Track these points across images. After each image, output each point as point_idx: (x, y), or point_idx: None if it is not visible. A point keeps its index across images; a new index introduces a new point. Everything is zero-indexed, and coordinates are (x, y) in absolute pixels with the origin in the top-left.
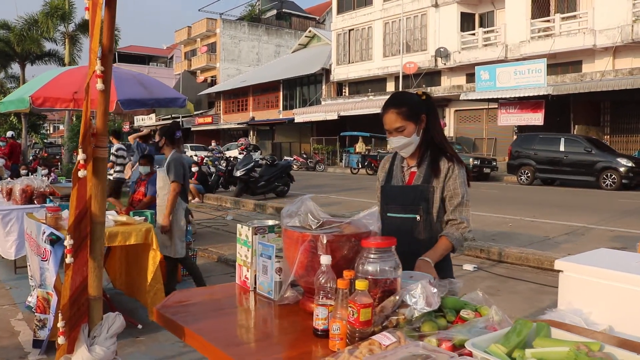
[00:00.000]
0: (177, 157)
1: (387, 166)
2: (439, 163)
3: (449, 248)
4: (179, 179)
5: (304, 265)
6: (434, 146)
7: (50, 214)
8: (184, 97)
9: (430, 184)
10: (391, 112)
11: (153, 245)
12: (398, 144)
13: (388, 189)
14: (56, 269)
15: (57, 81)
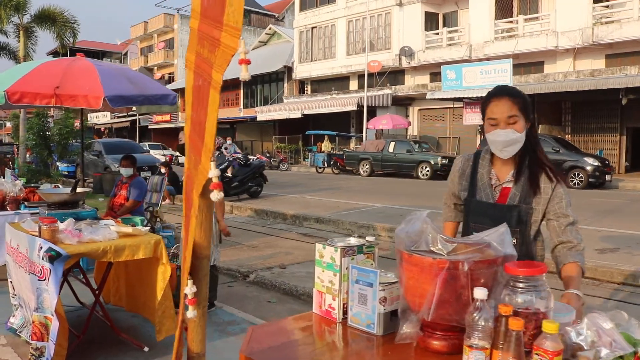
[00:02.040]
0: None
1: (468, 172)
2: (538, 180)
3: (581, 276)
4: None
5: (441, 298)
6: (533, 158)
7: (45, 225)
8: (175, 93)
9: (530, 205)
10: (506, 99)
11: (163, 259)
12: (507, 137)
13: (476, 205)
14: (57, 290)
15: (35, 75)
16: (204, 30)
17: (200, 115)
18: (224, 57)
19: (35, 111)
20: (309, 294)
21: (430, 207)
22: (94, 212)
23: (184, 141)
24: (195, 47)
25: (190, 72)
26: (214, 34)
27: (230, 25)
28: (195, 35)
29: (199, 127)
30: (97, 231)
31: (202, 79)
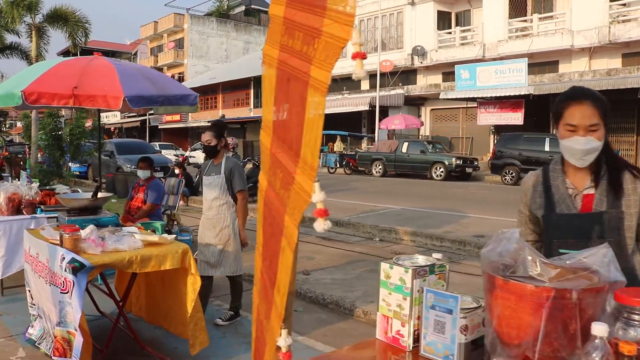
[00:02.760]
0: (236, 161)
1: (540, 188)
2: (621, 181)
3: None
4: (245, 187)
5: (546, 331)
6: (610, 159)
7: (67, 234)
8: (196, 93)
9: (620, 209)
10: (588, 104)
11: (192, 270)
12: (586, 146)
13: (557, 219)
14: (81, 304)
15: (52, 75)
16: (295, 18)
17: (291, 121)
18: (329, 51)
19: (47, 111)
20: (336, 303)
21: (448, 209)
22: (115, 218)
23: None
24: (278, 38)
25: (271, 69)
26: (311, 21)
27: (338, 11)
28: (278, 24)
29: (288, 137)
30: (122, 240)
31: (291, 77)
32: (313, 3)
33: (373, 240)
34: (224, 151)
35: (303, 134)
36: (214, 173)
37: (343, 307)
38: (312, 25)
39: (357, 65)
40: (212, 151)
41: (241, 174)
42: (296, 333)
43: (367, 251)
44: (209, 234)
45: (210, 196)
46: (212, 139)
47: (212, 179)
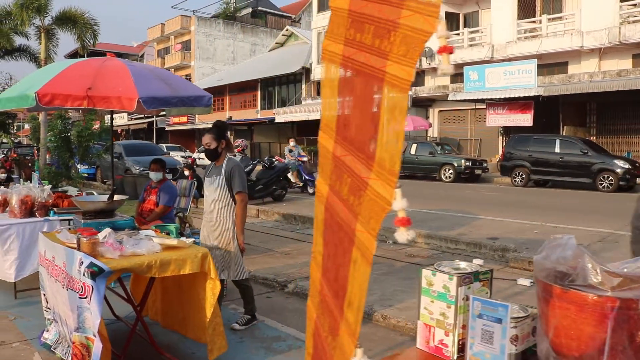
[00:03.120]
0: (238, 162)
1: None
2: None
3: None
4: (245, 190)
5: (611, 343)
6: None
7: (85, 237)
8: (210, 94)
9: None
10: None
11: (211, 274)
12: None
13: None
14: (100, 309)
15: (66, 76)
16: (364, 10)
17: (361, 121)
18: (410, 45)
19: (56, 113)
20: None
21: (459, 211)
22: (131, 220)
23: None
24: (342, 32)
25: (333, 65)
26: (385, 13)
27: (419, 1)
28: (342, 17)
29: (356, 138)
30: (140, 243)
31: (359, 74)
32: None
33: (386, 243)
34: (225, 153)
35: (378, 136)
36: (215, 174)
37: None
38: (387, 17)
39: (443, 60)
40: (212, 154)
41: (241, 175)
42: None
43: (381, 254)
44: (210, 237)
45: (210, 198)
46: (212, 141)
47: (213, 180)
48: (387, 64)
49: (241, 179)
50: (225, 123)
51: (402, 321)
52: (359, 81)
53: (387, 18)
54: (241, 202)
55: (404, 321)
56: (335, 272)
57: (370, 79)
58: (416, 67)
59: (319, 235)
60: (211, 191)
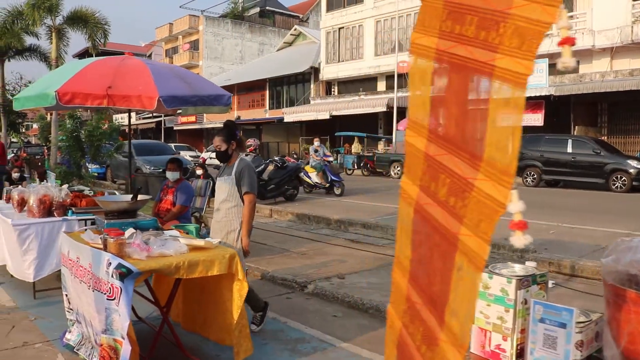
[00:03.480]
0: (248, 163)
1: None
2: None
3: None
4: (254, 190)
5: None
6: None
7: (112, 238)
8: (229, 93)
9: None
10: None
11: (239, 275)
12: None
13: None
14: (129, 312)
15: (85, 74)
16: (464, 1)
17: (463, 119)
18: (525, 36)
19: (67, 112)
20: (376, 308)
21: None
22: (154, 221)
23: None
24: (436, 24)
25: (424, 59)
26: (491, 3)
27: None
28: (436, 9)
29: (457, 137)
30: (167, 244)
31: (460, 68)
32: None
33: None
34: (237, 153)
35: (487, 134)
36: (226, 174)
37: (384, 312)
38: (494, 7)
39: (564, 53)
40: (223, 156)
41: (251, 176)
42: (339, 339)
43: None
44: (217, 237)
45: (220, 198)
46: (222, 143)
47: (223, 180)
48: (496, 57)
49: (251, 179)
50: (235, 123)
51: None
52: (458, 76)
53: (495, 8)
54: (249, 203)
55: None
56: (430, 277)
57: (474, 73)
58: None
59: (405, 239)
60: (221, 191)
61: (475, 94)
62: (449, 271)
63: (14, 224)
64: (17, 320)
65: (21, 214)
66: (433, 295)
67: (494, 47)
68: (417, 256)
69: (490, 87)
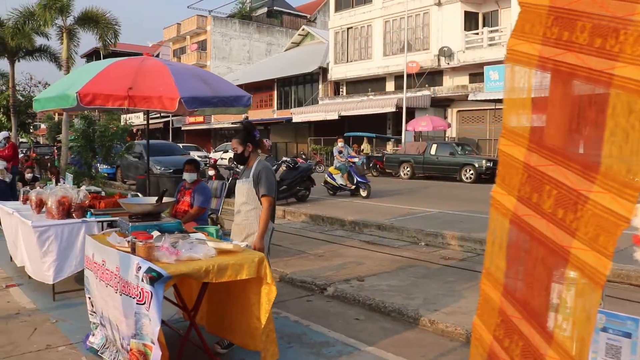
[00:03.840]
0: (267, 166)
1: None
2: None
3: None
4: (272, 193)
5: None
6: None
7: (141, 242)
8: (249, 94)
9: None
10: None
11: (267, 279)
12: None
13: None
14: (159, 316)
15: (106, 75)
16: (573, 6)
17: (577, 126)
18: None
19: (79, 113)
20: (399, 311)
21: (487, 212)
22: (178, 223)
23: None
24: (539, 31)
25: (524, 66)
26: (609, 9)
27: None
28: (539, 15)
29: (564, 147)
30: (196, 248)
31: (568, 76)
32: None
33: (419, 245)
34: (255, 155)
35: (604, 145)
36: (244, 177)
37: (407, 316)
38: (613, 13)
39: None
40: (240, 158)
41: (268, 178)
42: (364, 343)
43: (416, 256)
44: (237, 240)
45: (239, 200)
46: (238, 145)
47: (242, 182)
48: (616, 66)
49: (268, 182)
50: (252, 124)
51: (450, 326)
52: (566, 85)
53: (614, 15)
54: (267, 206)
55: (453, 326)
56: (531, 291)
57: (586, 81)
58: None
59: (498, 250)
60: (240, 193)
61: (588, 104)
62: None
63: (33, 226)
64: (39, 322)
65: (39, 215)
66: (535, 309)
67: (613, 55)
68: (513, 269)
69: (607, 96)
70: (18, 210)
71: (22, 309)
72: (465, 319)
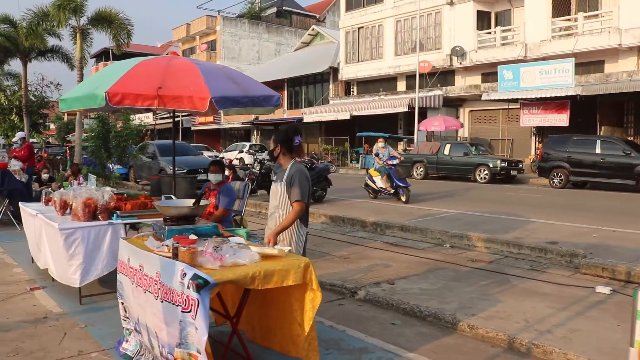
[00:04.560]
0: (301, 169)
1: None
2: None
3: None
4: (304, 199)
5: None
6: None
7: (184, 247)
8: (279, 94)
9: None
10: None
11: (313, 285)
12: None
13: None
14: (206, 325)
15: (134, 75)
16: None
17: None
18: None
19: (96, 114)
20: (435, 316)
21: (506, 213)
22: (214, 227)
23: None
24: None
25: None
26: None
27: None
28: None
29: None
30: (239, 253)
31: None
32: None
33: (443, 247)
34: (289, 157)
35: None
36: (279, 179)
37: (444, 320)
38: None
39: None
40: (273, 157)
41: (301, 183)
42: (404, 349)
43: (443, 258)
44: None
45: (272, 203)
46: (271, 143)
47: (276, 185)
48: None
49: (301, 187)
50: (295, 129)
51: (491, 331)
52: None
53: None
54: (297, 210)
55: (494, 331)
56: None
57: None
58: None
59: None
60: (274, 196)
61: None
62: None
63: (60, 228)
64: (68, 327)
65: (64, 217)
66: None
67: None
68: None
69: None
70: (41, 212)
71: (49, 313)
72: (504, 324)
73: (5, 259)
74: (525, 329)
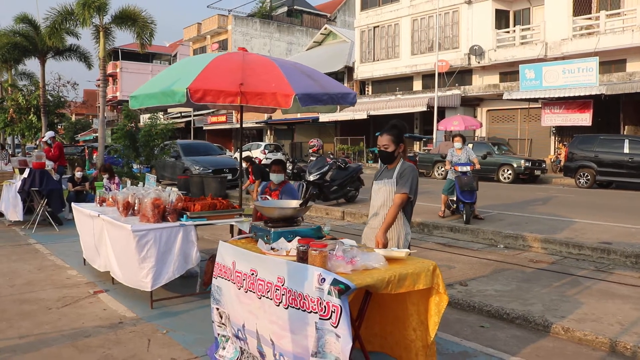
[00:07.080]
0: (412, 166)
1: None
2: None
3: None
4: (410, 193)
5: None
6: None
7: (315, 250)
8: (354, 92)
9: None
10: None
11: (439, 288)
12: None
13: None
14: (350, 333)
15: (212, 71)
16: None
17: None
18: None
19: (124, 112)
20: (524, 318)
21: (548, 214)
22: (317, 229)
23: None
24: None
25: None
26: None
27: None
28: None
29: None
30: (367, 256)
31: None
32: None
33: (497, 247)
34: (401, 157)
35: None
36: (385, 178)
37: (534, 323)
38: None
39: None
40: (387, 157)
41: (413, 178)
42: (507, 353)
43: (502, 259)
44: (370, 245)
45: (377, 203)
46: (390, 144)
47: (382, 184)
48: None
49: (411, 181)
50: (404, 125)
51: (589, 334)
52: None
53: None
54: (399, 202)
55: (592, 334)
56: None
57: None
58: None
59: None
60: (379, 195)
61: None
62: None
63: (133, 230)
64: (148, 332)
65: (127, 218)
66: None
67: None
68: None
69: None
70: (104, 212)
71: (123, 318)
72: (599, 326)
73: (55, 261)
74: (623, 332)
